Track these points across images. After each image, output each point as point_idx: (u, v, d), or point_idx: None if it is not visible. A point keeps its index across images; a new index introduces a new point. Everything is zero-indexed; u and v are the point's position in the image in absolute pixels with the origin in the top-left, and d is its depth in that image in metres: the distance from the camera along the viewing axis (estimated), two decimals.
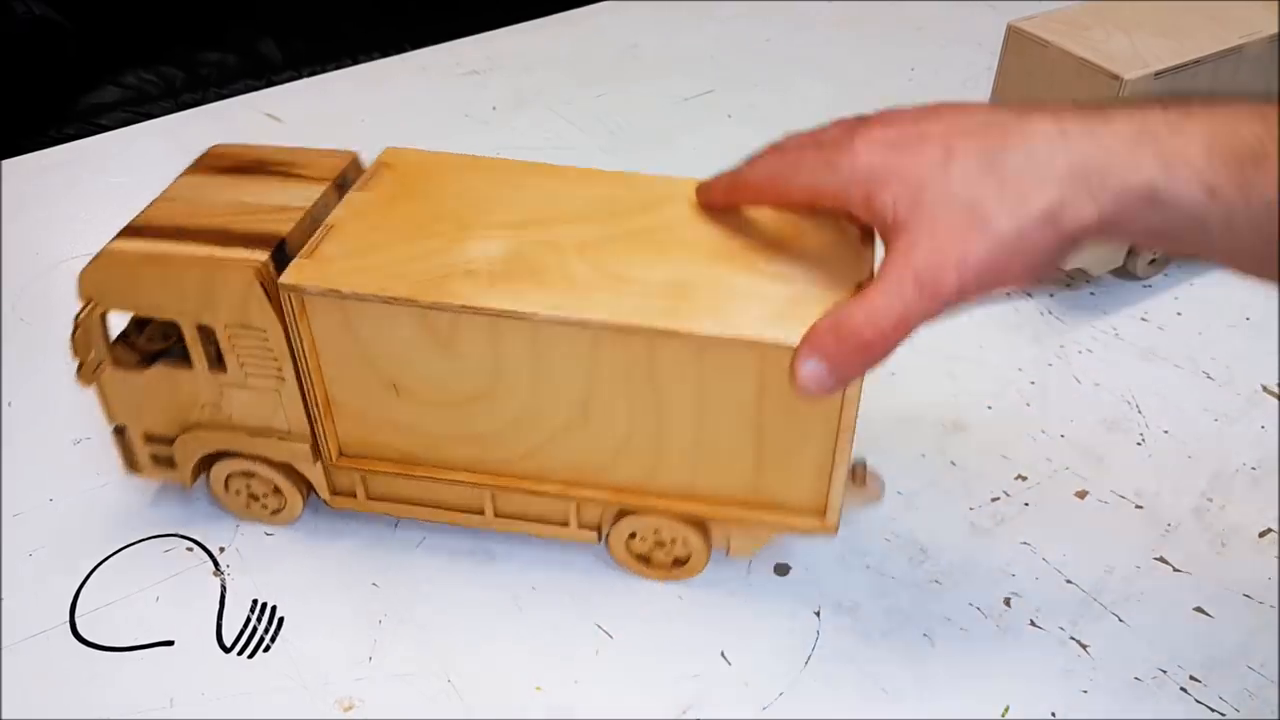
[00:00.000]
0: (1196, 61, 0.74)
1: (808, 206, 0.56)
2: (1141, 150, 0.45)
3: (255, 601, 0.62)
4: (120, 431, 0.64)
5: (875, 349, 0.49)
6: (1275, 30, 0.77)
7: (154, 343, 0.62)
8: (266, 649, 0.60)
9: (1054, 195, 0.46)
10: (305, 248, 0.56)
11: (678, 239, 0.57)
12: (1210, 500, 0.68)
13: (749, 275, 0.55)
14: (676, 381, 0.54)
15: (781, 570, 0.64)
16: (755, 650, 0.60)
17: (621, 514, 0.61)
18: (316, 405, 0.59)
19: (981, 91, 0.85)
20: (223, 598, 0.62)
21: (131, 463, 0.65)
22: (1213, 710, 0.57)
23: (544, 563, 0.64)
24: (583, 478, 0.59)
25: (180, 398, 0.61)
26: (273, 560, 0.64)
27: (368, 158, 0.63)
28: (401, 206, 0.59)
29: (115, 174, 1.00)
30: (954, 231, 0.47)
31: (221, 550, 0.65)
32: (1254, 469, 0.70)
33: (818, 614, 0.62)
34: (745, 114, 0.66)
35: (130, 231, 0.58)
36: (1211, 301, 0.84)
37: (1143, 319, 0.83)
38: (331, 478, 0.63)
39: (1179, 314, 0.83)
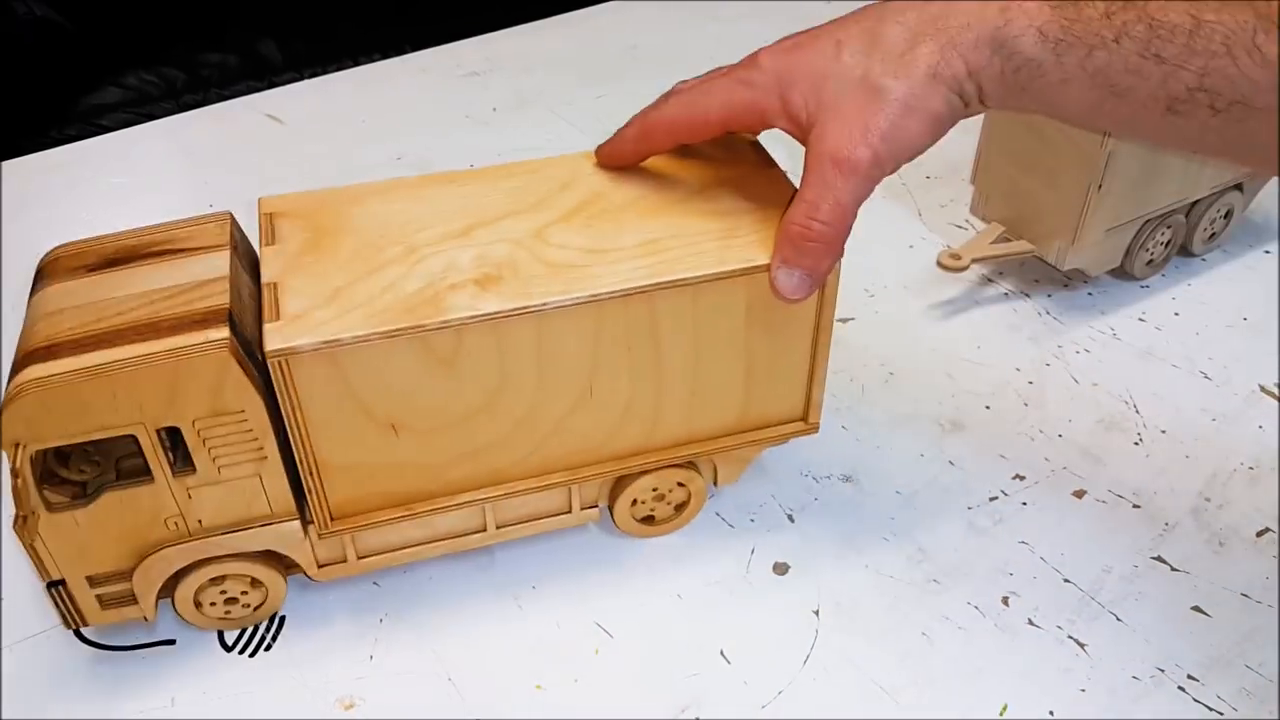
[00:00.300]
0: None
1: (720, 131, 0.59)
2: (988, 6, 0.51)
3: None
4: (57, 585, 0.55)
5: (828, 239, 0.53)
6: None
7: (85, 472, 0.56)
8: (268, 648, 0.60)
9: (933, 54, 0.51)
10: (267, 311, 0.52)
11: (615, 206, 0.59)
12: (1208, 500, 0.68)
13: (698, 218, 0.58)
14: (674, 332, 0.56)
15: (781, 570, 0.64)
16: (755, 650, 0.60)
17: (618, 482, 0.63)
18: (309, 473, 0.55)
19: None
20: None
21: (74, 616, 0.56)
22: (1210, 709, 0.57)
23: (544, 563, 0.64)
24: (585, 458, 0.60)
25: (139, 520, 0.54)
26: None
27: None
28: (329, 248, 0.56)
29: (116, 174, 1.00)
30: (856, 109, 0.52)
31: None
32: (1252, 469, 0.70)
33: (817, 613, 0.62)
34: None
35: (34, 357, 0.50)
36: (1209, 302, 0.84)
37: (1140, 319, 0.83)
38: (317, 549, 0.59)
39: (1176, 314, 0.83)
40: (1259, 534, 0.66)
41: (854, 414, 0.74)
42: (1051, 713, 0.57)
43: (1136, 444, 0.72)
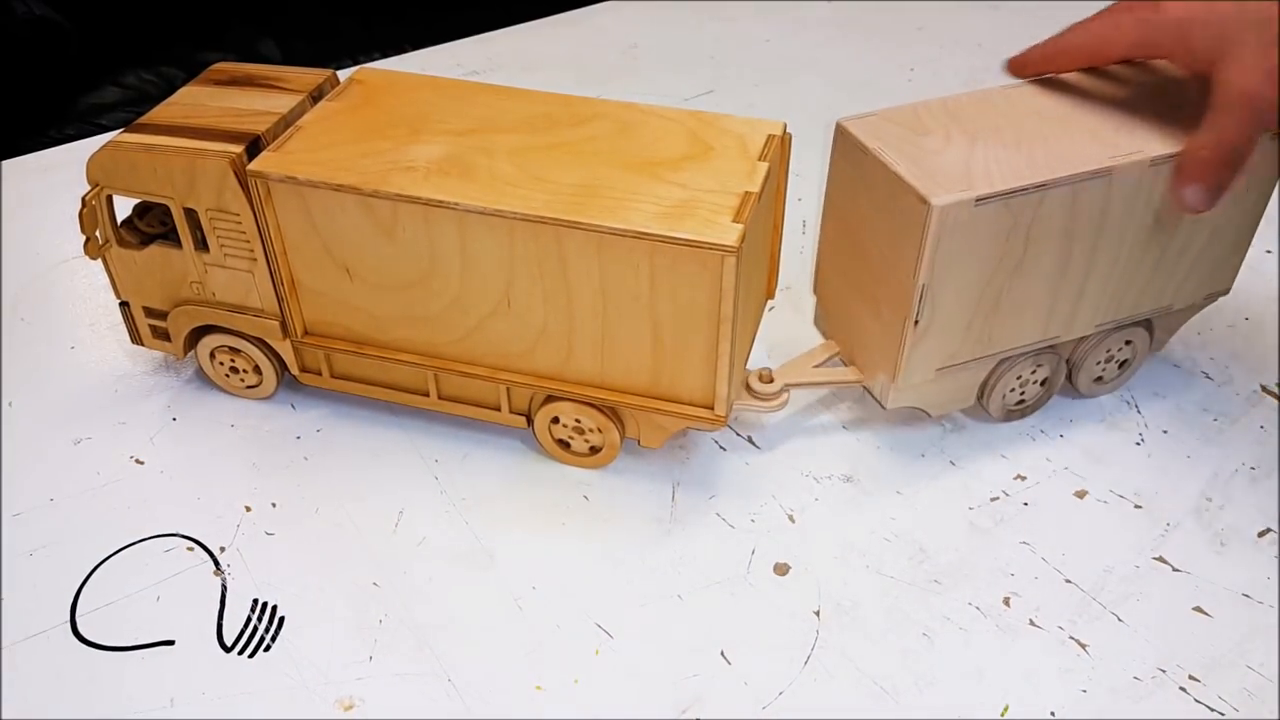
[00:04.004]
0: (1041, 185, 0.60)
1: (1123, 60, 0.68)
2: None
3: (256, 601, 0.62)
4: (126, 306, 0.72)
5: (1236, 162, 0.60)
6: (1155, 153, 0.62)
7: (153, 227, 0.70)
8: (267, 649, 0.60)
9: None
10: (274, 143, 0.64)
11: (597, 150, 0.64)
12: (1209, 500, 0.68)
13: (652, 182, 0.61)
14: (583, 273, 0.60)
15: (781, 570, 0.64)
16: (755, 650, 0.60)
17: (547, 401, 0.67)
18: (283, 285, 0.66)
19: None
20: (223, 597, 0.62)
21: (135, 335, 0.74)
22: (1212, 710, 0.57)
23: (544, 563, 0.64)
24: (508, 363, 0.66)
25: (173, 275, 0.69)
26: (273, 560, 0.64)
27: None
28: (363, 114, 0.67)
29: None
30: (1261, 52, 0.58)
31: (222, 550, 0.65)
32: (1253, 469, 0.70)
33: (817, 614, 0.62)
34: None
35: (135, 128, 0.66)
36: None
37: None
38: (300, 355, 0.71)
39: None
40: (1260, 534, 0.66)
41: (855, 414, 0.74)
42: (1053, 713, 0.57)
43: (1138, 444, 0.72)
